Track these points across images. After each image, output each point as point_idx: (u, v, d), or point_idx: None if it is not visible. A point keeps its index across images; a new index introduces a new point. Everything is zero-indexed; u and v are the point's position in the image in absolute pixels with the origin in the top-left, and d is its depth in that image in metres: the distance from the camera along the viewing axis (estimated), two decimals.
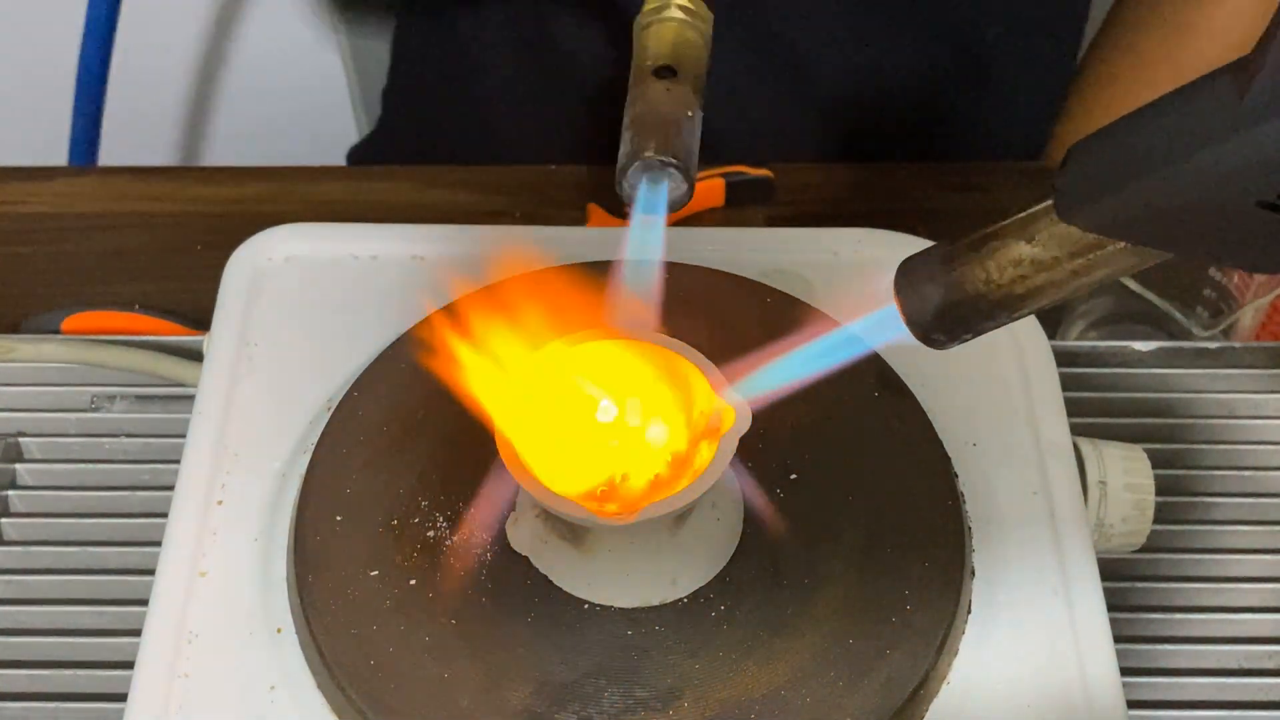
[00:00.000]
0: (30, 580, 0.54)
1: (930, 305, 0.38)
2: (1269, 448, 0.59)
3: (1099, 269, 0.36)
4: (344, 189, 0.80)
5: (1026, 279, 0.36)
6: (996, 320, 0.38)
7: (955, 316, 0.38)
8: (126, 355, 0.59)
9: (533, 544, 0.46)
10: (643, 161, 0.47)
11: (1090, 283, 0.36)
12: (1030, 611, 0.47)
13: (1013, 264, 0.37)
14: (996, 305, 0.37)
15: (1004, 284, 0.37)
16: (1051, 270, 0.36)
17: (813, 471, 0.48)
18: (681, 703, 0.43)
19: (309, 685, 0.45)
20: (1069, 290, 0.36)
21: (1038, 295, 0.37)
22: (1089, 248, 0.35)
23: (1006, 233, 0.37)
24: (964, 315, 0.38)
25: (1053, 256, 0.36)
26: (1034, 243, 0.36)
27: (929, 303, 0.38)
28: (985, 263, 0.37)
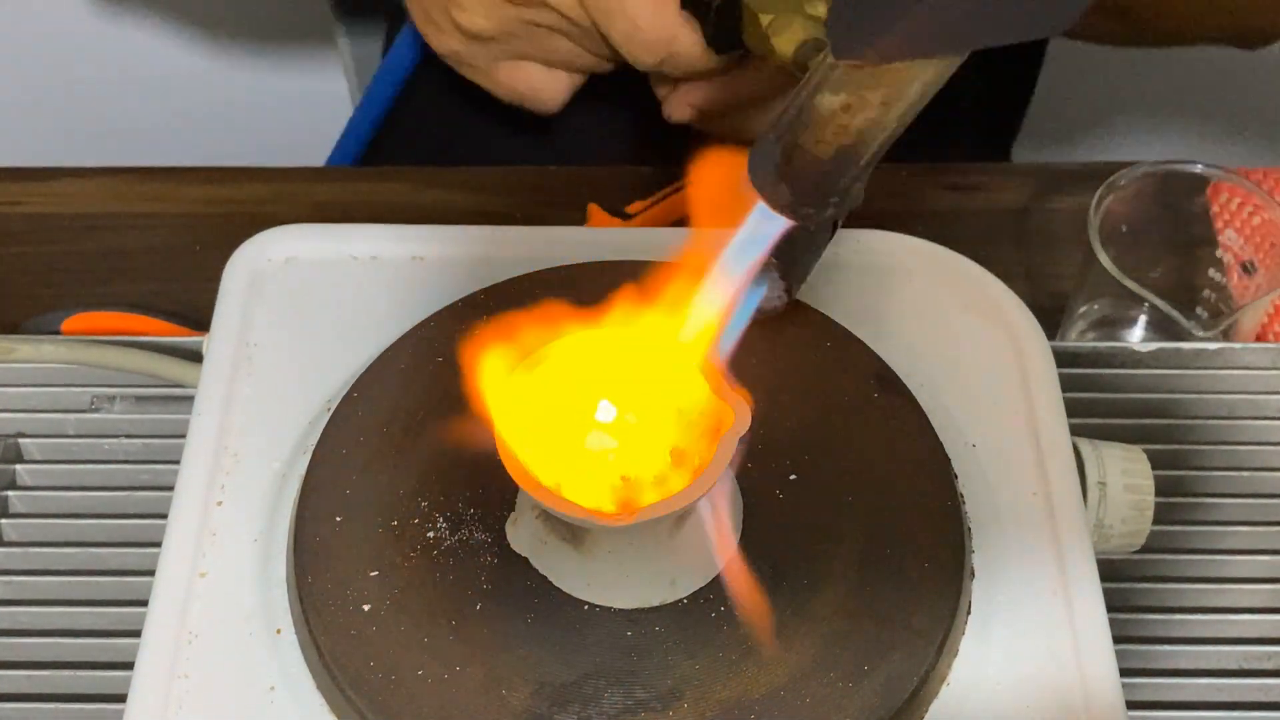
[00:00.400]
0: (30, 581, 0.54)
1: (784, 187, 0.39)
2: (1269, 448, 0.59)
3: (905, 89, 0.36)
4: (344, 189, 0.80)
5: (846, 127, 0.37)
6: (847, 174, 0.38)
7: (810, 187, 0.39)
8: (126, 356, 0.59)
9: (532, 545, 0.46)
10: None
11: (907, 106, 0.36)
12: (1030, 612, 0.47)
13: (828, 118, 0.37)
14: (837, 161, 0.38)
15: (830, 139, 0.37)
16: (863, 110, 0.37)
17: (812, 472, 0.48)
18: (681, 703, 0.43)
19: (309, 686, 0.45)
20: (893, 121, 0.37)
21: (866, 137, 0.37)
22: (881, 76, 0.36)
23: (811, 93, 0.37)
24: (816, 182, 0.39)
25: (857, 97, 0.36)
26: (836, 91, 0.37)
27: (782, 186, 0.39)
28: (808, 128, 0.38)
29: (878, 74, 0.36)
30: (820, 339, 0.52)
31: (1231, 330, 0.66)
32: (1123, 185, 0.68)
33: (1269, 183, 0.78)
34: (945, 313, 0.56)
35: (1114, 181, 0.67)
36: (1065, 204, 0.79)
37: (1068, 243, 0.75)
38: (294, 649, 0.46)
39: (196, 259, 0.75)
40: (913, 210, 0.77)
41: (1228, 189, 0.70)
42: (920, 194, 0.79)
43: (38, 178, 0.80)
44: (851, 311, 0.54)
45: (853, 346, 0.52)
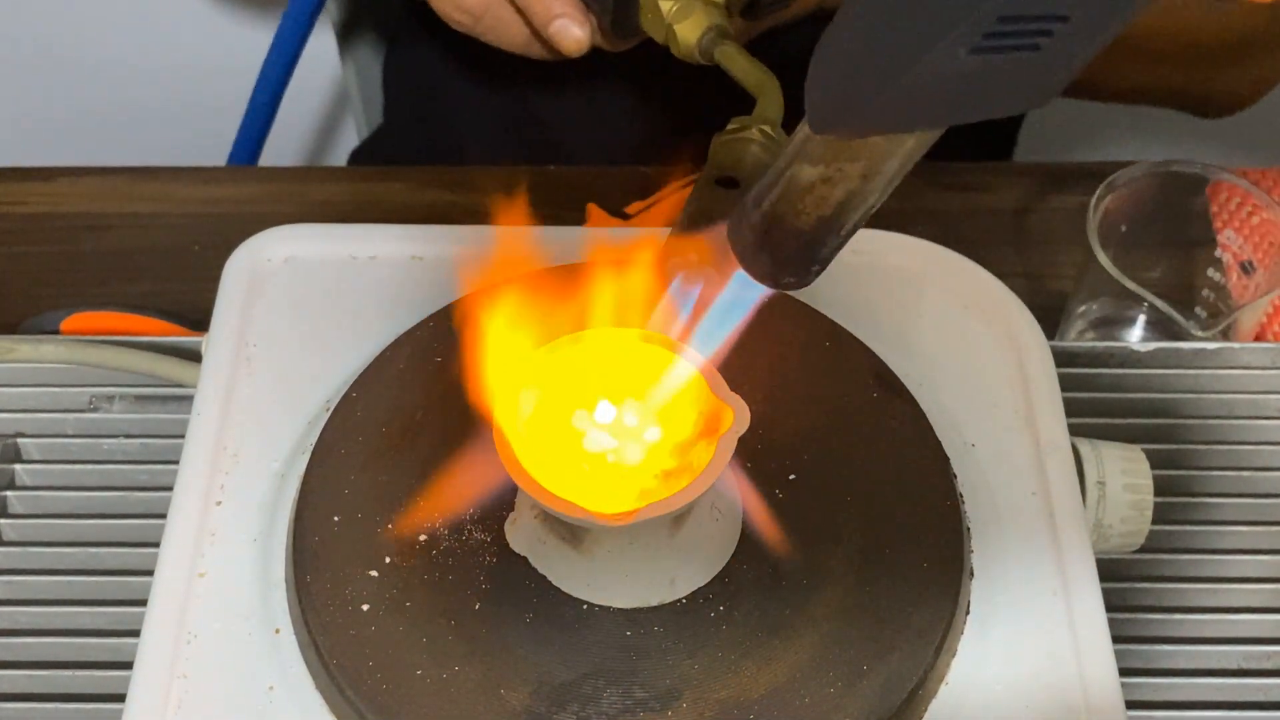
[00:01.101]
0: (29, 581, 0.54)
1: (764, 257, 0.38)
2: (1268, 448, 0.59)
3: (884, 163, 0.35)
4: (343, 189, 0.81)
5: (826, 198, 0.36)
6: (828, 244, 0.38)
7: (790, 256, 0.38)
8: (125, 356, 0.59)
9: (531, 544, 0.46)
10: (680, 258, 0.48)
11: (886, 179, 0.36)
12: (1029, 612, 0.47)
13: (806, 190, 0.37)
14: (816, 232, 0.37)
15: (809, 210, 0.37)
16: (842, 182, 0.36)
17: (812, 472, 0.48)
18: (680, 703, 0.43)
19: (308, 686, 0.45)
20: (873, 193, 0.36)
21: (846, 209, 0.37)
22: (860, 149, 0.35)
23: (789, 164, 0.37)
24: (797, 252, 0.38)
25: (836, 169, 0.36)
26: (814, 162, 0.36)
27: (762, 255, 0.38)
28: (786, 199, 0.37)
29: (857, 147, 0.35)
30: (820, 339, 0.52)
31: (1230, 330, 0.66)
32: (1122, 185, 0.68)
33: (1268, 183, 0.78)
34: (945, 313, 0.56)
35: (1113, 181, 0.67)
36: (1065, 204, 0.78)
37: (1067, 243, 0.75)
38: (293, 649, 0.46)
39: (196, 259, 0.75)
40: (913, 210, 0.77)
41: (1227, 189, 0.70)
42: (920, 194, 0.79)
43: (38, 178, 0.80)
44: (851, 311, 0.54)
45: (853, 346, 0.52)
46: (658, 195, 0.76)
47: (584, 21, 0.65)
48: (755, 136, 0.54)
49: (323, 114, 1.23)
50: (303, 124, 1.21)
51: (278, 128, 0.98)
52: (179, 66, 1.17)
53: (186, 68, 1.17)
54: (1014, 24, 0.28)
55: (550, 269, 0.54)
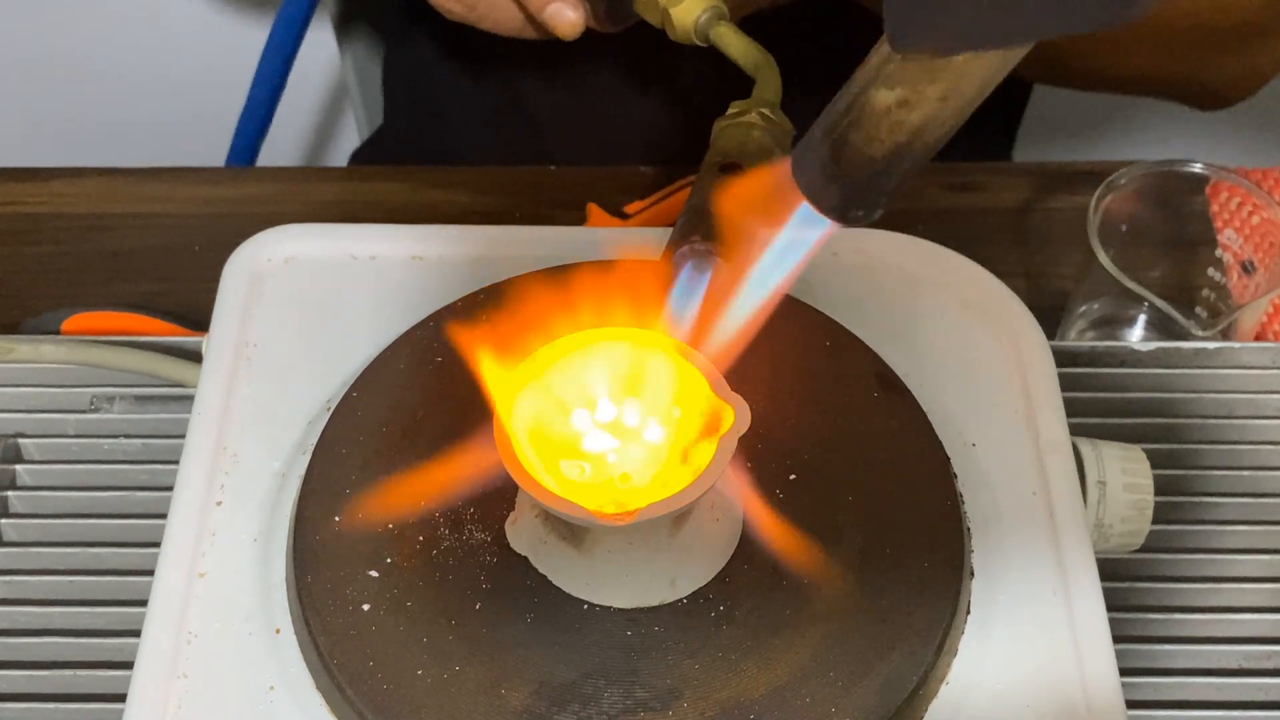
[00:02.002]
0: (29, 581, 0.54)
1: (834, 189, 0.37)
2: (1268, 448, 0.59)
3: (964, 83, 0.34)
4: (344, 189, 0.81)
5: (902, 123, 0.35)
6: (898, 173, 0.37)
7: (861, 188, 0.37)
8: (126, 356, 0.59)
9: (532, 544, 0.46)
10: (689, 246, 0.48)
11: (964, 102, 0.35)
12: (1029, 612, 0.47)
13: (883, 114, 0.35)
14: (890, 160, 0.36)
15: (885, 136, 0.36)
16: (920, 106, 0.35)
17: (812, 472, 0.48)
18: (681, 703, 0.43)
19: (308, 686, 0.45)
20: (950, 117, 0.35)
21: (922, 134, 0.36)
22: (941, 69, 0.34)
23: (865, 84, 0.36)
24: (868, 182, 0.37)
25: (915, 91, 0.35)
26: (891, 85, 0.35)
27: (831, 187, 0.37)
28: (860, 124, 0.36)
29: (936, 67, 0.34)
30: (820, 339, 0.52)
31: (1231, 330, 0.66)
32: (1122, 185, 0.68)
33: (1269, 183, 0.78)
34: (945, 313, 0.56)
35: (1114, 181, 0.68)
36: (1065, 204, 0.79)
37: (1067, 243, 0.75)
38: (293, 649, 0.46)
39: (196, 259, 0.75)
40: (913, 210, 0.77)
41: (1227, 189, 0.70)
42: (920, 194, 0.79)
43: (37, 178, 0.80)
44: (851, 311, 0.54)
45: (853, 346, 0.52)
46: (658, 195, 0.76)
47: (577, 4, 0.66)
48: (756, 120, 0.54)
49: (322, 114, 1.23)
50: (302, 124, 1.21)
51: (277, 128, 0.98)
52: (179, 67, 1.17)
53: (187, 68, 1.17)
54: None
55: (550, 269, 0.54)
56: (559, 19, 0.66)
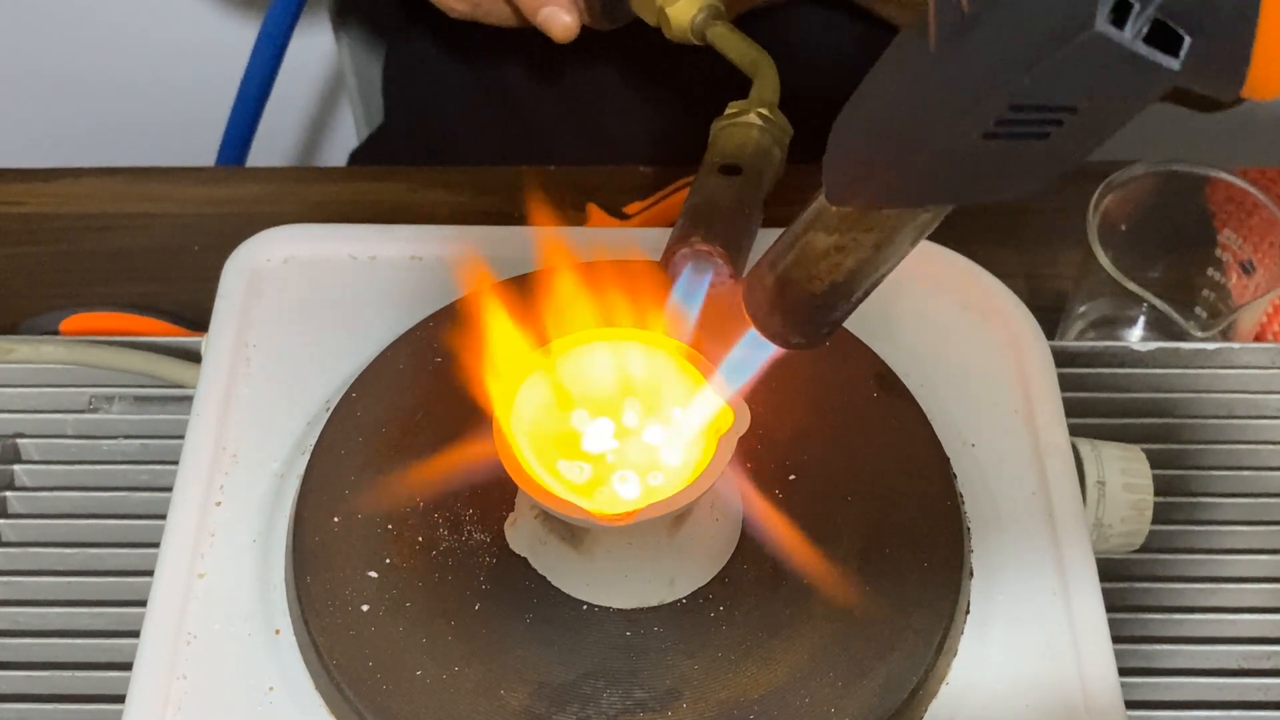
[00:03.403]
0: (29, 582, 0.54)
1: (777, 318, 0.40)
2: (1268, 448, 0.59)
3: (897, 234, 0.37)
4: (343, 189, 0.80)
5: (839, 265, 0.38)
6: (839, 309, 0.39)
7: (802, 319, 0.40)
8: (125, 356, 0.59)
9: (531, 545, 0.46)
10: (689, 248, 0.49)
11: (898, 249, 0.37)
12: (1029, 612, 0.47)
13: (821, 256, 0.38)
14: (828, 296, 0.39)
15: (823, 276, 0.38)
16: (855, 251, 0.37)
17: (812, 472, 0.48)
18: (680, 703, 0.43)
19: (307, 686, 0.45)
20: (885, 261, 0.38)
21: (858, 276, 0.38)
22: (875, 219, 0.36)
23: (805, 229, 0.38)
24: (809, 315, 0.39)
25: (850, 238, 0.37)
26: (829, 231, 0.37)
27: (775, 316, 0.40)
28: (800, 263, 0.38)
29: (870, 218, 0.36)
30: None
31: (1230, 330, 0.66)
32: (1122, 185, 0.68)
33: (1267, 182, 0.78)
34: (945, 313, 0.56)
35: (1113, 181, 0.67)
36: (1065, 204, 0.78)
37: (1067, 243, 0.75)
38: (293, 649, 0.46)
39: (196, 259, 0.75)
40: None
41: (1227, 189, 0.70)
42: None
43: (37, 178, 0.80)
44: None
45: (853, 346, 0.52)
46: (658, 195, 0.76)
47: (571, 8, 0.66)
48: (755, 120, 0.54)
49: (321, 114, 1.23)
50: (301, 124, 1.21)
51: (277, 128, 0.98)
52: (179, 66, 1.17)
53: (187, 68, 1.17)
54: (1025, 113, 0.30)
55: (550, 269, 0.54)
56: (553, 22, 0.67)
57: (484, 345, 0.44)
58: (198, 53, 1.15)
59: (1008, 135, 0.30)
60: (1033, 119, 0.30)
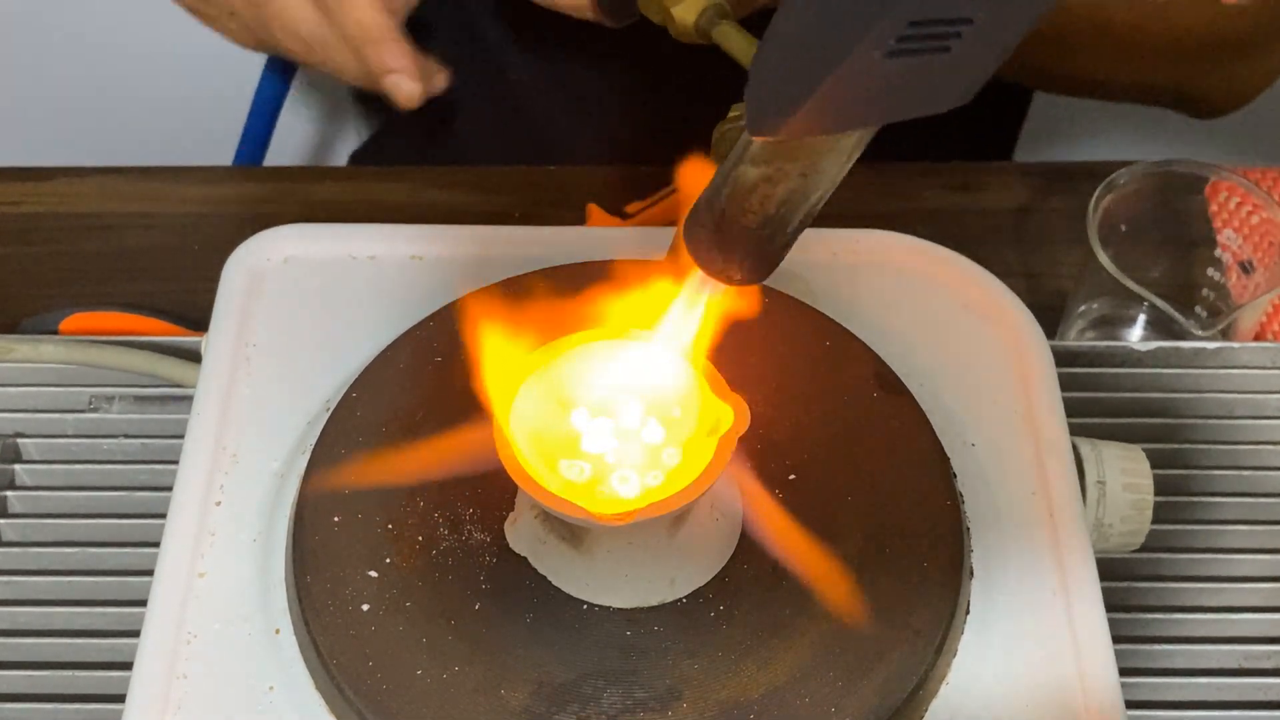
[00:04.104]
0: (29, 581, 0.54)
1: (717, 255, 0.40)
2: (1268, 448, 0.59)
3: (821, 161, 0.37)
4: (343, 189, 0.80)
5: (769, 197, 0.38)
6: (776, 241, 0.39)
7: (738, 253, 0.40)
8: (125, 356, 0.59)
9: (531, 544, 0.46)
10: None
11: (826, 176, 0.38)
12: (1029, 612, 0.47)
13: (750, 189, 0.38)
14: (763, 229, 0.39)
15: (755, 208, 0.38)
16: (783, 181, 0.38)
17: (812, 472, 0.48)
18: (680, 703, 0.43)
19: (307, 686, 0.45)
20: (814, 190, 0.38)
21: (789, 206, 0.38)
22: (798, 148, 0.37)
23: (734, 164, 0.38)
24: (745, 249, 0.40)
25: (776, 169, 0.37)
26: (756, 163, 0.38)
27: (714, 253, 0.40)
28: (733, 199, 0.39)
29: (794, 147, 0.37)
30: (820, 339, 0.52)
31: (1230, 329, 0.66)
32: (1122, 185, 0.68)
33: (1268, 182, 0.78)
34: (945, 313, 0.56)
35: (1113, 181, 0.67)
36: (1065, 204, 0.78)
37: (1067, 243, 0.75)
38: (293, 649, 0.46)
39: (196, 259, 0.75)
40: (913, 210, 0.77)
41: (1227, 188, 0.70)
42: (920, 194, 0.79)
43: (37, 178, 0.80)
44: (851, 311, 0.54)
45: (853, 346, 0.52)
46: (658, 195, 0.76)
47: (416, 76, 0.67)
48: None
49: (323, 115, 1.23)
50: (302, 125, 1.21)
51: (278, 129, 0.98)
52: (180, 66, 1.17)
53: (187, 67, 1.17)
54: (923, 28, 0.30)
55: (550, 269, 0.54)
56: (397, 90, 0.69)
57: (484, 345, 0.44)
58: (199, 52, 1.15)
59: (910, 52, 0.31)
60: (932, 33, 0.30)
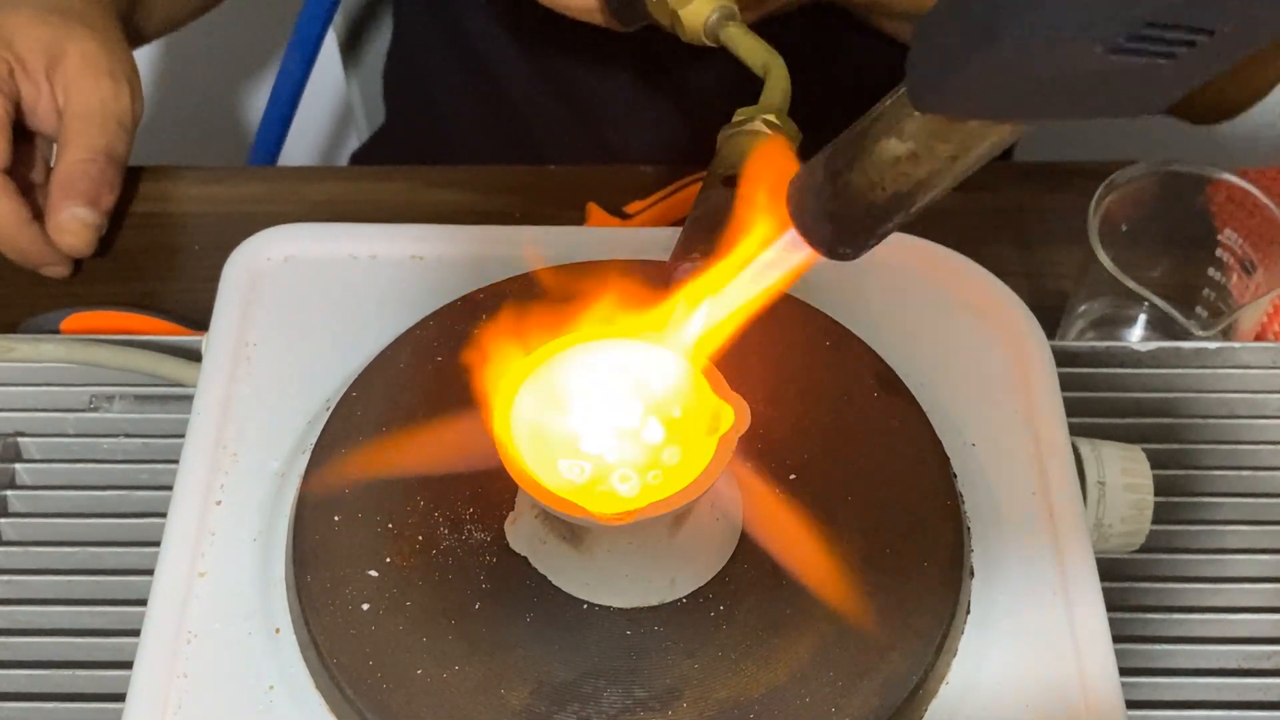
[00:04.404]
0: (29, 580, 0.54)
1: (826, 225, 0.38)
2: (1268, 448, 0.59)
3: (976, 147, 0.35)
4: (343, 189, 0.80)
5: (908, 175, 0.36)
6: (893, 220, 0.37)
7: (853, 228, 0.37)
8: (125, 355, 0.59)
9: (531, 544, 0.46)
10: (690, 262, 0.49)
11: (971, 162, 0.35)
12: (1029, 611, 0.47)
13: (890, 164, 0.36)
14: (888, 206, 0.36)
15: (888, 185, 0.36)
16: (928, 162, 0.35)
17: (812, 472, 0.48)
18: (680, 703, 0.43)
19: (308, 685, 0.45)
20: (955, 174, 0.36)
21: (925, 187, 0.36)
22: (956, 130, 0.34)
23: (877, 132, 0.36)
24: (861, 224, 0.37)
25: (926, 147, 0.35)
26: (904, 138, 0.35)
27: (824, 221, 0.38)
28: (865, 169, 0.36)
29: (952, 128, 0.34)
30: (820, 339, 0.52)
31: (1231, 330, 0.66)
32: (1122, 185, 0.68)
33: (1267, 182, 0.78)
34: (945, 313, 0.56)
35: (1114, 181, 0.67)
36: (1065, 204, 0.78)
37: (1067, 243, 0.75)
38: (293, 648, 0.46)
39: (196, 259, 0.75)
40: None
41: (1227, 188, 0.70)
42: None
43: None
44: (851, 311, 0.54)
45: (853, 346, 0.52)
46: (658, 195, 0.76)
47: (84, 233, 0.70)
48: (760, 128, 0.54)
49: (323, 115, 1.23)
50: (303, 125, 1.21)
51: None
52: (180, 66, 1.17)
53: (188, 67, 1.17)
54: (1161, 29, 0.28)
55: (550, 269, 0.54)
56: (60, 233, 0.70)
57: (484, 344, 0.44)
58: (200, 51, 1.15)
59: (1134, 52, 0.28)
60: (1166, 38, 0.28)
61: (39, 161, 0.74)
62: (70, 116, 0.71)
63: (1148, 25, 0.27)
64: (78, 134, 0.71)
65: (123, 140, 0.72)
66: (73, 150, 0.70)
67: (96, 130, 0.71)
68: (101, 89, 0.71)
